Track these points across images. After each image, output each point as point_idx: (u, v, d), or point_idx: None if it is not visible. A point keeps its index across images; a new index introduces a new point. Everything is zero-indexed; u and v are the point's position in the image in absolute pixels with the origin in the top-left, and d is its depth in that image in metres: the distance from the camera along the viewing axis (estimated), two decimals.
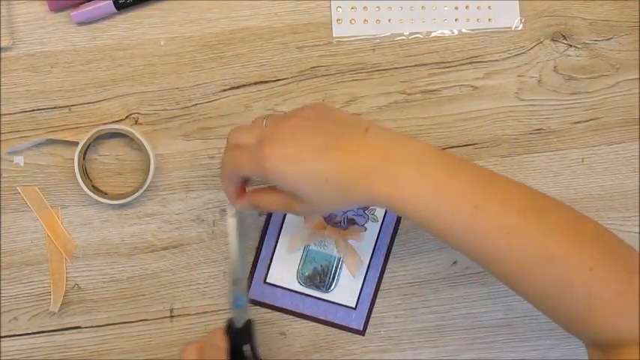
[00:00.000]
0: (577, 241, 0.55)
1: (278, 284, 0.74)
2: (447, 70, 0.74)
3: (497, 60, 0.74)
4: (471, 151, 0.75)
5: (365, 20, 0.74)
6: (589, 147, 0.75)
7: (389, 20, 0.74)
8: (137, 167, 0.73)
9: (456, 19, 0.74)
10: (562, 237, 0.55)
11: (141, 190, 0.71)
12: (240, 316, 0.65)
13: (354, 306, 0.74)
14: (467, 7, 0.74)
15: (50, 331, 0.74)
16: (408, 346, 0.75)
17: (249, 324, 0.66)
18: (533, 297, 0.56)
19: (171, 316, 0.74)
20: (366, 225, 0.74)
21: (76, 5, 0.72)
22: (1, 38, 0.71)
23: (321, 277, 0.74)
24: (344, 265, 0.74)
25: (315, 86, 0.74)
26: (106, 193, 0.72)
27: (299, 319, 0.74)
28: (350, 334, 0.75)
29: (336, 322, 0.74)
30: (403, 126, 0.74)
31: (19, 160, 0.73)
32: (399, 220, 0.74)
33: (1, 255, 0.73)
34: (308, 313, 0.74)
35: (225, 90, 0.73)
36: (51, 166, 0.73)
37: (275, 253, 0.74)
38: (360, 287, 0.74)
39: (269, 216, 0.74)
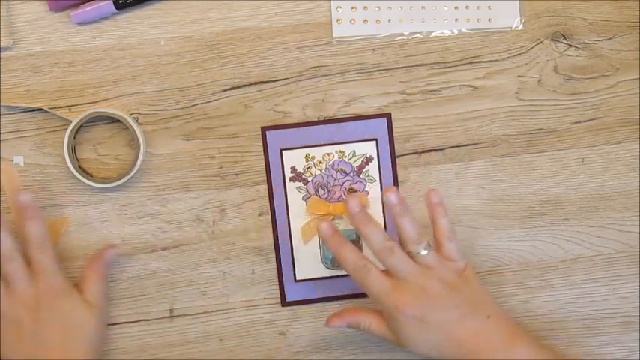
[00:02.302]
0: None
1: (309, 277, 0.74)
2: (447, 70, 0.74)
3: (497, 60, 0.74)
4: (471, 151, 0.75)
5: (365, 20, 0.74)
6: (589, 147, 0.75)
7: (389, 20, 0.74)
8: (138, 168, 0.73)
9: (456, 19, 0.74)
10: None
11: (127, 177, 0.71)
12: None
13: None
14: (467, 7, 0.74)
15: None
16: None
17: None
18: None
19: (171, 316, 0.75)
20: (367, 188, 0.74)
21: (76, 5, 0.72)
22: (1, 38, 0.71)
23: None
24: None
25: (315, 86, 0.74)
26: (91, 175, 0.72)
27: (338, 301, 0.74)
28: (349, 332, 0.75)
29: None
30: (403, 126, 0.74)
31: (19, 160, 0.73)
32: (395, 172, 0.74)
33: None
34: (348, 292, 0.74)
35: (225, 90, 0.73)
36: (51, 166, 0.73)
37: (294, 249, 0.74)
38: None
39: (273, 216, 0.74)
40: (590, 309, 0.75)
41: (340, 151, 0.74)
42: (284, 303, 0.74)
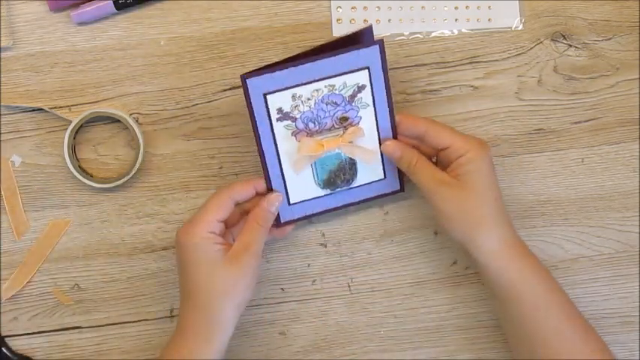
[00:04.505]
0: None
1: (303, 199, 0.71)
2: (447, 70, 0.74)
3: (497, 60, 0.74)
4: None
5: (365, 20, 0.74)
6: (589, 147, 0.75)
7: (389, 20, 0.74)
8: (138, 168, 0.73)
9: (456, 19, 0.74)
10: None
11: (127, 177, 0.71)
12: None
13: (382, 177, 0.72)
14: (467, 7, 0.74)
15: (50, 331, 0.74)
16: (408, 346, 0.75)
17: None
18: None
19: (172, 316, 0.75)
20: (359, 114, 0.69)
21: (76, 5, 0.72)
22: (1, 38, 0.71)
23: (340, 176, 0.72)
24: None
25: None
26: (91, 175, 0.72)
27: (332, 212, 0.73)
28: (349, 332, 0.75)
29: (372, 195, 0.73)
30: None
31: (16, 160, 0.73)
32: (390, 98, 0.69)
33: (1, 255, 0.73)
34: (343, 204, 0.72)
35: (225, 90, 0.73)
36: (51, 166, 0.73)
37: (285, 177, 0.70)
38: (380, 159, 0.71)
39: (261, 155, 0.69)
40: (590, 309, 0.75)
41: (330, 85, 0.67)
42: (278, 225, 0.71)
